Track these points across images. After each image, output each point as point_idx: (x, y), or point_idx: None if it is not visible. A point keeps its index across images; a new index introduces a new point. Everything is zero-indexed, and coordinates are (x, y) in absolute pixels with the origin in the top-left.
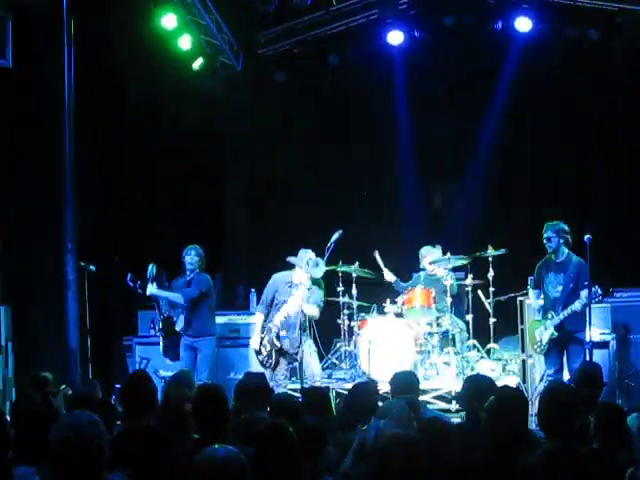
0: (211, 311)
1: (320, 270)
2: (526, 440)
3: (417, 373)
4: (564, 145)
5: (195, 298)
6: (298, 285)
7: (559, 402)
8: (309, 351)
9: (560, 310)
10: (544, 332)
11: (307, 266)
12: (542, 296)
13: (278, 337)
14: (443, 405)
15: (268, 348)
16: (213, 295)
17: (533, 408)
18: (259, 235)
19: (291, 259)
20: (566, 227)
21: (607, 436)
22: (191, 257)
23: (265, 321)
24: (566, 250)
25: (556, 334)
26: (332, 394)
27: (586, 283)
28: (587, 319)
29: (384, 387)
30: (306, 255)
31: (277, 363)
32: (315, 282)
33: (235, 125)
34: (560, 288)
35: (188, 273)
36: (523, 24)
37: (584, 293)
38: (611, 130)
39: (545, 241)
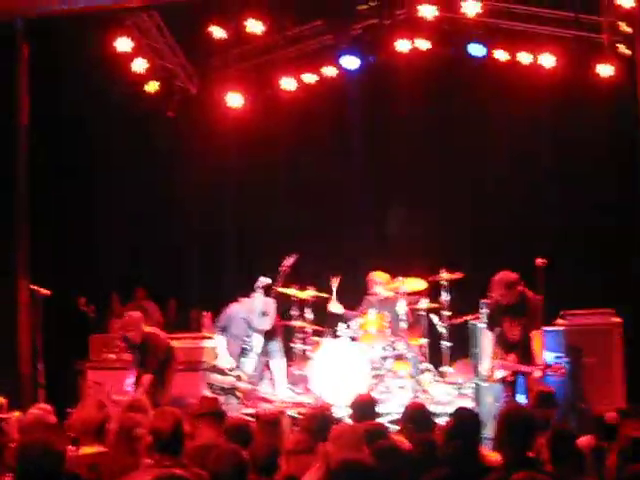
0: None
1: (266, 323)
2: (480, 462)
3: None
4: (516, 169)
5: None
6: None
7: (515, 425)
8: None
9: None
10: (498, 370)
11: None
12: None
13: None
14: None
15: (223, 386)
16: None
17: (487, 431)
18: (213, 259)
19: (244, 302)
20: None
21: (559, 460)
22: None
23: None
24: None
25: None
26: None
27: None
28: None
29: (338, 411)
30: (259, 304)
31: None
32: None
33: (189, 148)
34: (517, 332)
35: None
36: (477, 50)
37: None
38: (566, 153)
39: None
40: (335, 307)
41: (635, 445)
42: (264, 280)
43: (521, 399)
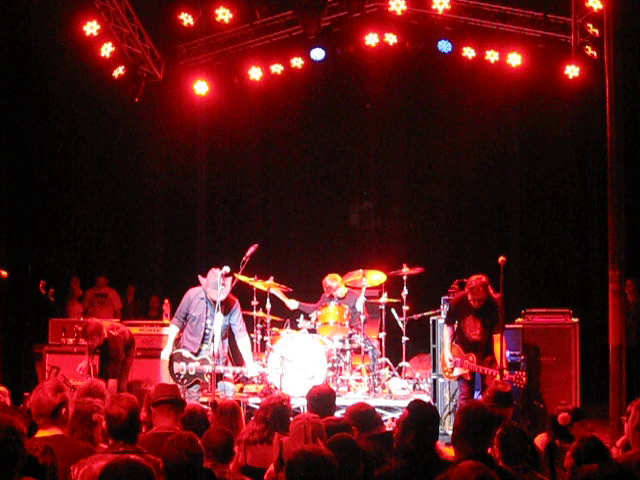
0: None
1: (221, 292)
2: (437, 456)
3: None
4: (482, 167)
5: None
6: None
7: (474, 421)
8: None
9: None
10: (457, 368)
11: (212, 289)
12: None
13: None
14: None
15: (190, 373)
16: None
17: (444, 427)
18: (174, 246)
19: (200, 279)
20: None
21: (509, 457)
22: None
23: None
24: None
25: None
26: (242, 408)
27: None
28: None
29: (296, 402)
30: (213, 277)
31: (193, 384)
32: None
33: (154, 134)
34: (478, 332)
35: None
36: (444, 46)
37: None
38: (532, 151)
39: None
40: (290, 303)
41: (587, 446)
42: (225, 269)
43: (477, 396)
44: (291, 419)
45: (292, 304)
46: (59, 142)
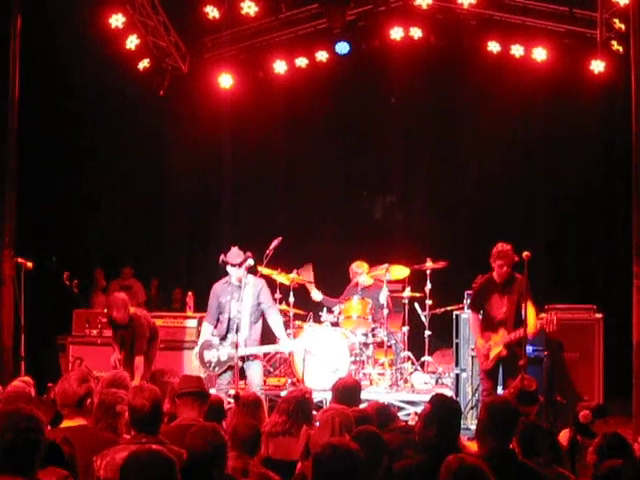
0: None
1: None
2: (459, 449)
3: None
4: (506, 161)
5: None
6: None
7: (498, 416)
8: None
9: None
10: (493, 348)
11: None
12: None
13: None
14: None
15: (221, 359)
16: None
17: (466, 422)
18: (199, 239)
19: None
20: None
21: (529, 453)
22: None
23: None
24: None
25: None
26: (265, 400)
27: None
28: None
29: (318, 395)
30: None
31: (226, 370)
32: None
33: (178, 127)
34: (504, 309)
35: None
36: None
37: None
38: (557, 147)
39: (498, 268)
40: (315, 294)
41: (609, 442)
42: (249, 262)
43: (499, 391)
44: (314, 412)
45: (317, 295)
46: (85, 135)
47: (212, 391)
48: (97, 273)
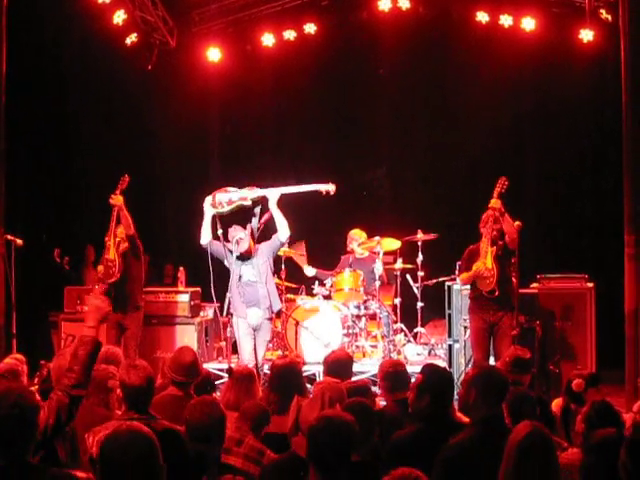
0: None
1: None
2: (452, 419)
3: None
4: (496, 132)
5: None
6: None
7: (488, 386)
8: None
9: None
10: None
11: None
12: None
13: None
14: None
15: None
16: None
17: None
18: (188, 214)
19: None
20: None
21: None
22: None
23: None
24: None
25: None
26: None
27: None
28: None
29: (311, 368)
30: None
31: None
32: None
33: (167, 102)
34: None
35: None
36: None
37: None
38: (547, 116)
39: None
40: (308, 270)
41: (598, 411)
42: (240, 235)
43: (491, 362)
44: (308, 386)
45: (309, 271)
46: (72, 111)
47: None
48: (87, 250)
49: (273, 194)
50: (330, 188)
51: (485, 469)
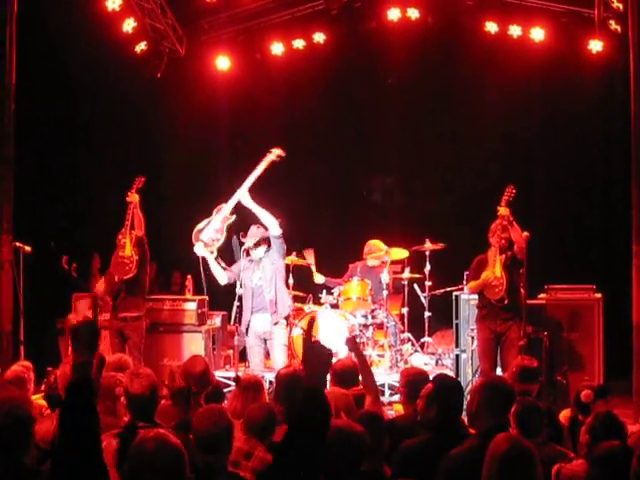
0: None
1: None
2: (461, 428)
3: None
4: (505, 142)
5: None
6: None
7: (494, 397)
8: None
9: None
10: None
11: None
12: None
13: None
14: None
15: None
16: None
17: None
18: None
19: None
20: None
21: (526, 433)
22: None
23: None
24: None
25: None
26: (266, 383)
27: None
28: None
29: None
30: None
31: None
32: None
33: (176, 111)
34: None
35: None
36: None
37: None
38: (555, 127)
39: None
40: (318, 278)
41: (602, 422)
42: (248, 243)
43: (499, 372)
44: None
45: (319, 278)
46: (81, 119)
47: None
48: (94, 257)
49: (242, 195)
50: (278, 152)
51: None
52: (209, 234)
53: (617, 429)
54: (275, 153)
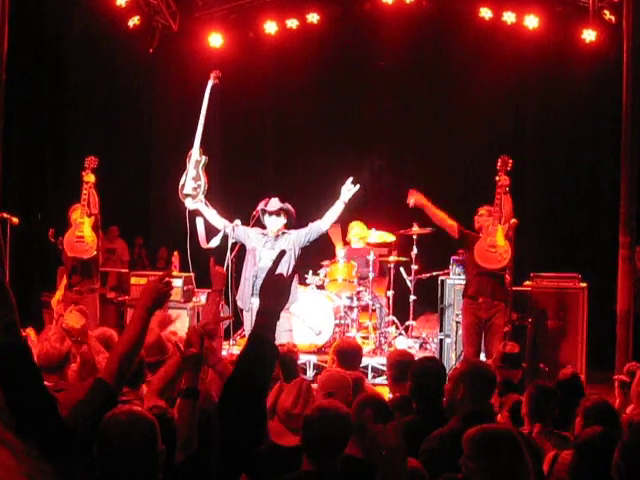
0: None
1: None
2: (443, 412)
3: None
4: (496, 129)
5: None
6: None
7: (476, 381)
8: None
9: None
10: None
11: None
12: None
13: None
14: None
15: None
16: None
17: None
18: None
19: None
20: None
21: (536, 414)
22: None
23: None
24: None
25: None
26: None
27: None
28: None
29: (302, 357)
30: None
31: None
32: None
33: (168, 86)
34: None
35: None
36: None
37: None
38: (548, 114)
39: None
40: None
41: (598, 410)
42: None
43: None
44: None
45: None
46: (72, 92)
47: None
48: None
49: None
50: (214, 74)
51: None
52: (190, 184)
53: (610, 417)
54: (213, 76)
